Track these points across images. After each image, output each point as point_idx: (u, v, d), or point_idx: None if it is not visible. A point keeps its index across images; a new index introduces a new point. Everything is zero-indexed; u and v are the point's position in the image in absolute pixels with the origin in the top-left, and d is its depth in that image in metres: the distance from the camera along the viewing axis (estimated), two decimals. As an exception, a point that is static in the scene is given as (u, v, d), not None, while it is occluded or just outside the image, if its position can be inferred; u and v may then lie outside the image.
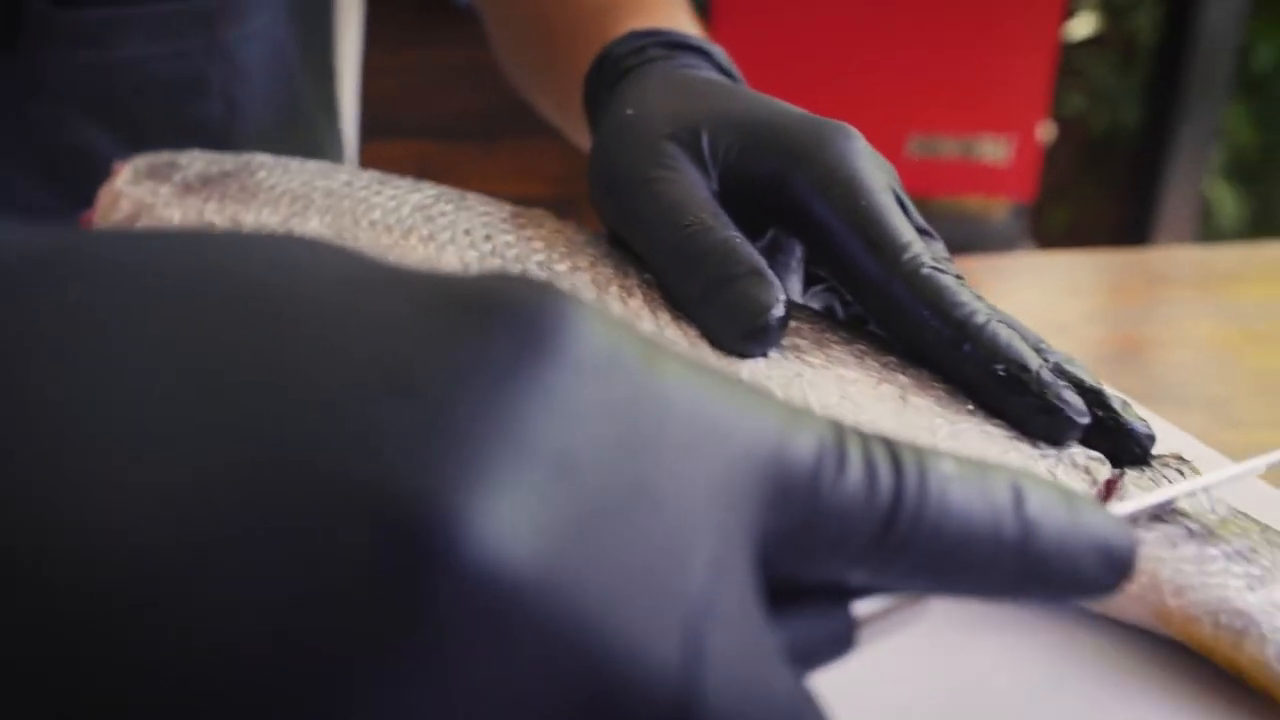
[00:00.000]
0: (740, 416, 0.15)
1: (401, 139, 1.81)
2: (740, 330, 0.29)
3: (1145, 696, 0.24)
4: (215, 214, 0.35)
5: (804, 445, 0.16)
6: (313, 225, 0.34)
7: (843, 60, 1.52)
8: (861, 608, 0.18)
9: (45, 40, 0.53)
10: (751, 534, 0.15)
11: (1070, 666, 0.26)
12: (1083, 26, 1.97)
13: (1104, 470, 0.28)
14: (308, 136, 0.64)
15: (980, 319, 0.29)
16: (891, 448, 0.17)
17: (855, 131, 0.33)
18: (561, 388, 0.14)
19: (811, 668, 0.17)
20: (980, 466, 0.18)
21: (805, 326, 0.31)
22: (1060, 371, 0.29)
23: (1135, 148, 1.87)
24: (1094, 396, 0.29)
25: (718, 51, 0.39)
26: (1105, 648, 0.26)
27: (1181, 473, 0.28)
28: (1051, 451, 0.28)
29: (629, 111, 0.34)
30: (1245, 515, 0.28)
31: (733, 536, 0.15)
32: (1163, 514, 0.27)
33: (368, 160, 0.44)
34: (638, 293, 0.32)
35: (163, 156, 0.38)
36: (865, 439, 0.17)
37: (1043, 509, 0.17)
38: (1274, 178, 2.01)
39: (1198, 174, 1.78)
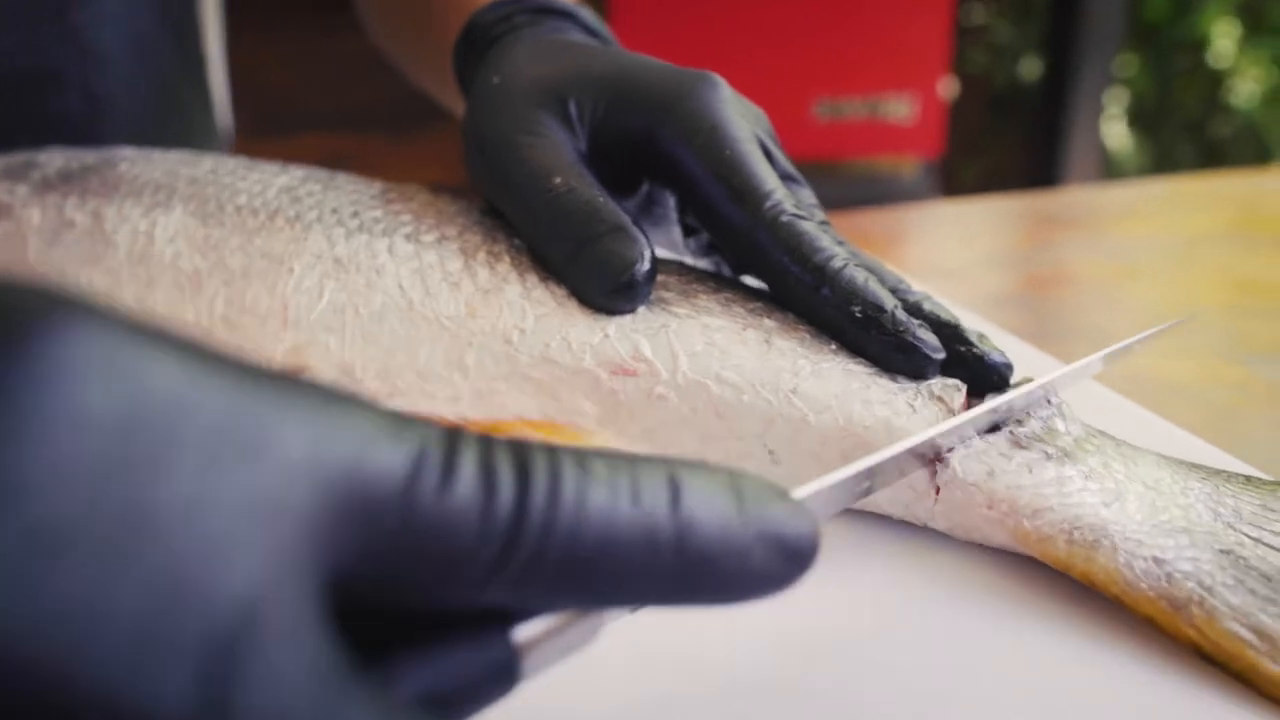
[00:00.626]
0: (299, 426, 0.14)
1: (308, 133, 1.78)
2: (606, 287, 0.30)
3: (1010, 616, 0.25)
4: (76, 209, 0.34)
5: (392, 457, 0.14)
6: (176, 214, 0.33)
7: (743, 27, 1.52)
8: (523, 632, 0.16)
9: None
10: (315, 555, 0.14)
11: (942, 593, 0.26)
12: (979, -17, 2.00)
13: (958, 397, 0.28)
14: (181, 129, 0.62)
15: (838, 263, 0.29)
16: (520, 454, 0.15)
17: (719, 79, 0.33)
18: (26, 400, 0.12)
19: (477, 704, 0.16)
20: (633, 463, 0.16)
21: (673, 279, 0.32)
22: (917, 310, 0.30)
23: (1037, 99, 1.91)
24: (951, 331, 0.30)
25: (584, 13, 0.39)
26: (962, 572, 0.27)
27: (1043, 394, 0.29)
28: (910, 384, 0.29)
29: (496, 80, 0.34)
30: (1101, 432, 0.29)
31: (281, 559, 0.13)
32: (1021, 440, 0.27)
33: (272, 157, 0.43)
34: (505, 258, 0.32)
35: (19, 156, 0.37)
36: (488, 446, 0.15)
37: (704, 503, 0.16)
38: (1171, 123, 2.07)
39: (1097, 122, 1.82)
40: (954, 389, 0.28)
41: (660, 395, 0.29)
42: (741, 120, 0.32)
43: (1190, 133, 2.06)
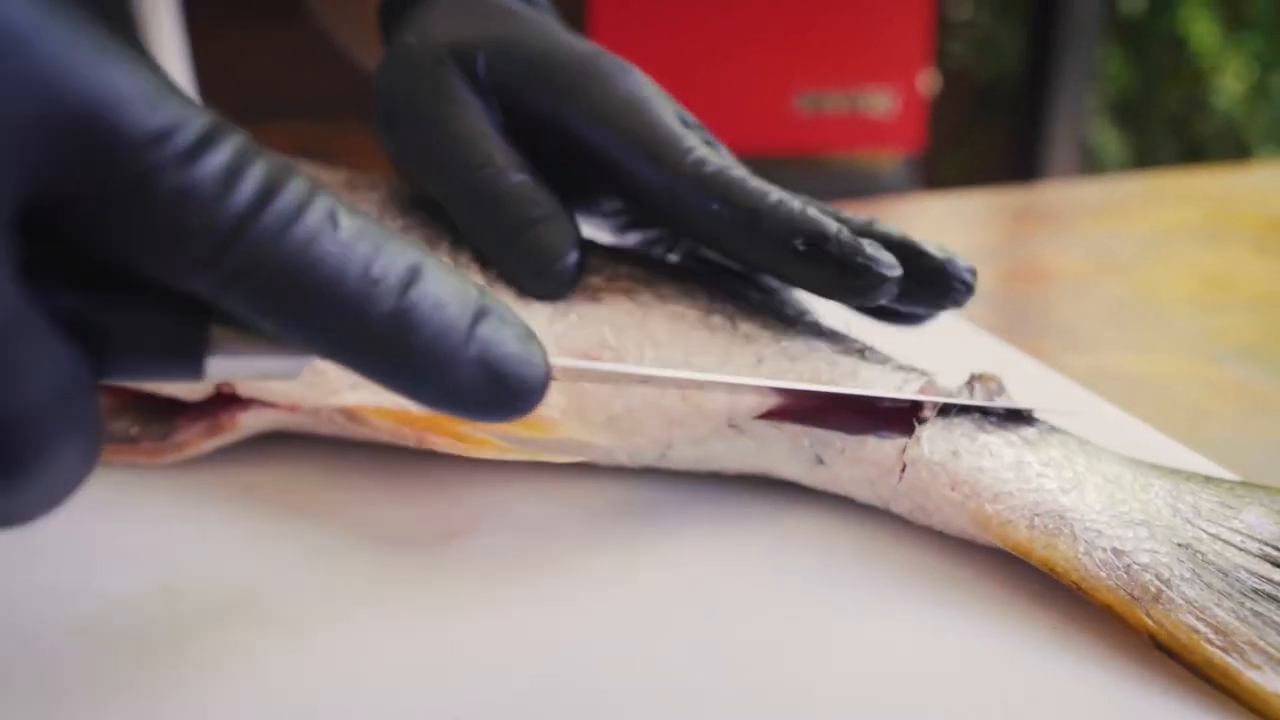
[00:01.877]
0: (59, 58, 0.15)
1: (280, 120, 1.77)
2: (537, 275, 0.30)
3: (967, 601, 0.25)
4: None
5: (144, 114, 0.15)
6: None
7: (725, 20, 1.52)
8: (220, 331, 0.17)
9: None
10: (18, 164, 0.15)
11: (901, 583, 0.26)
12: (961, -23, 2.01)
13: (923, 379, 0.29)
14: None
15: (772, 198, 0.28)
16: (279, 172, 0.16)
17: (631, 66, 0.32)
18: None
19: (147, 370, 0.17)
20: (388, 237, 0.17)
21: (634, 267, 0.32)
22: (867, 231, 0.29)
23: (1019, 93, 1.91)
24: (908, 248, 0.28)
25: None
26: (928, 563, 0.27)
27: (998, 392, 0.30)
28: (878, 356, 0.29)
29: (411, 39, 0.33)
30: (1061, 430, 0.29)
31: None
32: (984, 427, 0.28)
33: None
34: (469, 247, 0.32)
35: None
36: (253, 151, 0.16)
37: (435, 300, 0.17)
38: (1153, 118, 2.08)
39: (1079, 116, 1.83)
40: (919, 375, 0.29)
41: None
42: (657, 97, 0.31)
43: (1172, 128, 2.07)
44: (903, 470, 0.27)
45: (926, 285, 0.28)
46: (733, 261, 0.31)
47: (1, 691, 0.22)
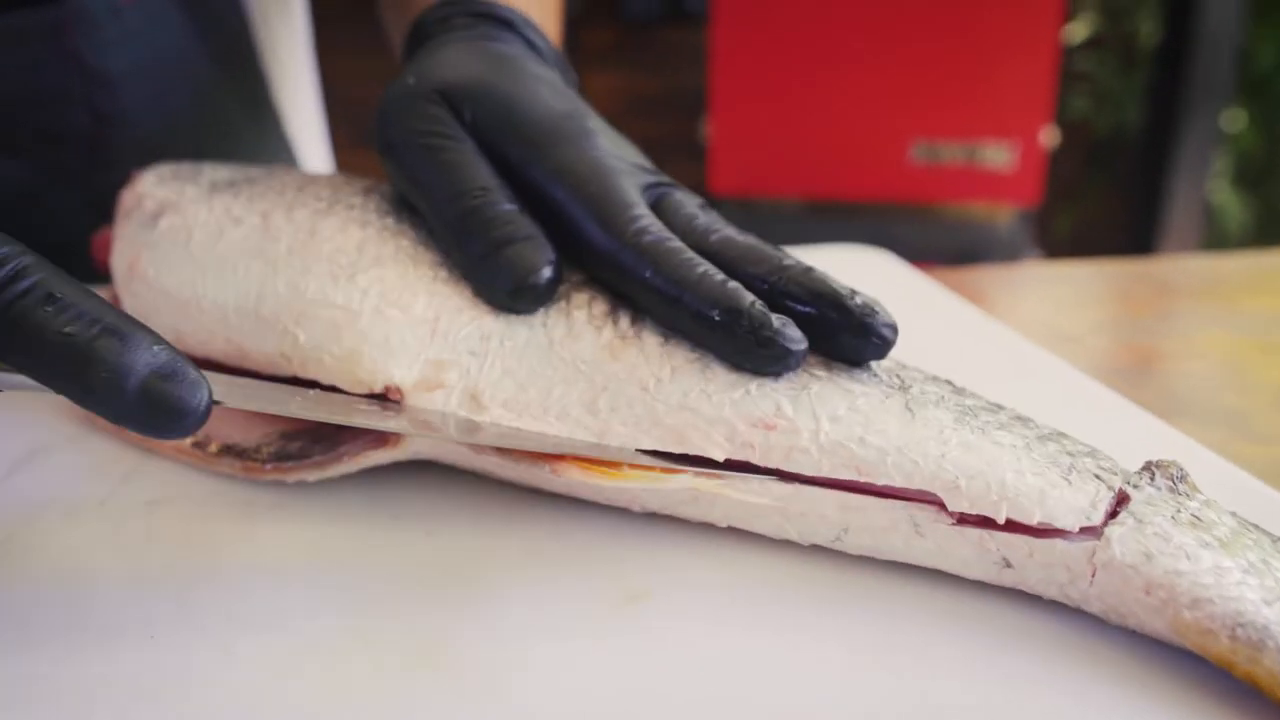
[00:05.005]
0: None
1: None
2: (511, 286, 0.31)
3: (1166, 709, 0.25)
4: (245, 210, 0.38)
5: None
6: (338, 219, 0.36)
7: (844, 67, 1.52)
8: None
9: None
10: None
11: (1097, 683, 0.26)
12: (1082, 29, 1.98)
13: (1116, 481, 0.28)
14: (226, 144, 0.65)
15: (697, 272, 0.30)
16: (18, 261, 0.25)
17: (606, 128, 0.36)
18: None
19: None
20: (86, 298, 0.25)
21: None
22: (797, 285, 0.30)
23: (1139, 150, 1.87)
24: (831, 299, 0.30)
25: (521, 21, 0.41)
26: (1127, 663, 0.26)
27: (1180, 479, 0.29)
28: (1064, 458, 0.28)
29: (410, 79, 0.37)
30: (1256, 526, 0.28)
31: None
32: (1178, 524, 0.27)
33: (353, 167, 0.46)
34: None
35: (187, 165, 0.43)
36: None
37: (114, 347, 0.24)
38: (1278, 183, 2.01)
39: (1202, 178, 1.78)
40: (1111, 471, 0.28)
41: (803, 449, 0.29)
42: (613, 159, 0.34)
43: (1298, 193, 2.00)
44: (1093, 574, 0.27)
45: (848, 336, 0.30)
46: (659, 321, 0.32)
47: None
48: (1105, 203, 2.07)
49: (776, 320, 0.29)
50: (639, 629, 0.27)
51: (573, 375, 0.31)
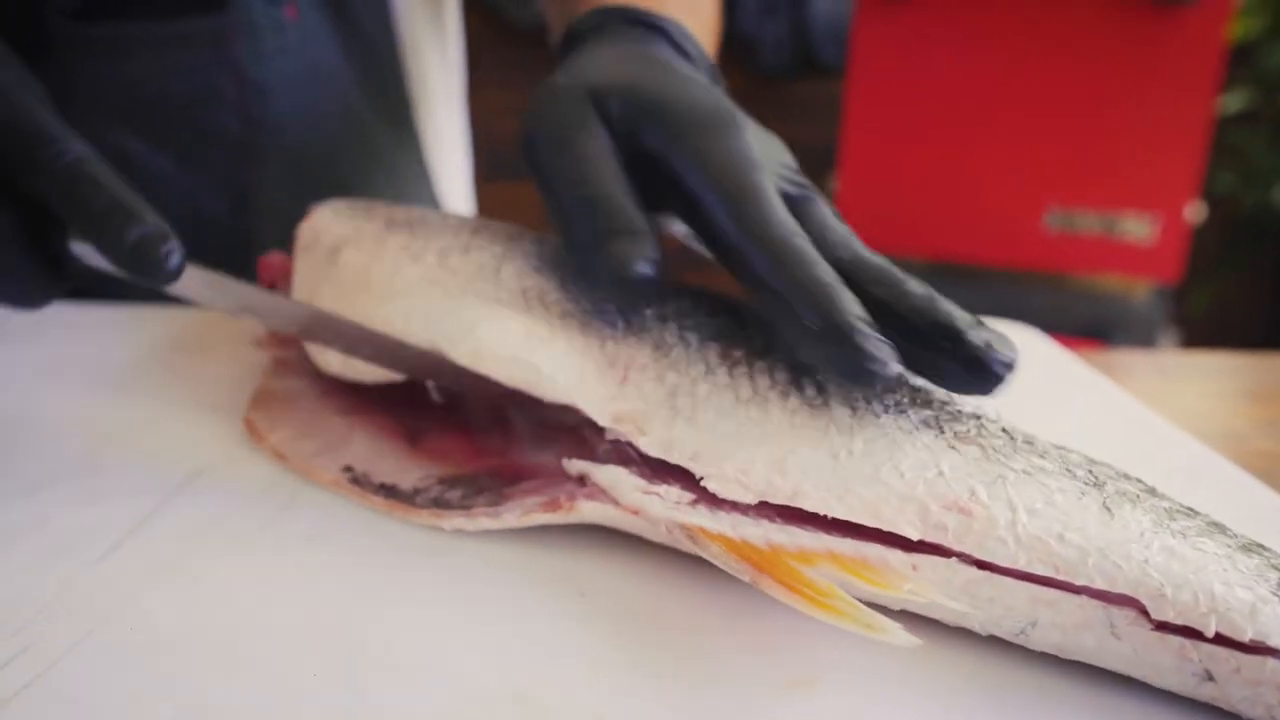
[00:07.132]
0: None
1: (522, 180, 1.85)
2: (610, 276, 0.31)
3: None
4: (423, 250, 0.39)
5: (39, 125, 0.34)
6: (523, 262, 0.38)
7: (981, 127, 1.49)
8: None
9: (71, 52, 0.60)
10: None
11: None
12: (1236, 101, 1.91)
13: None
14: (367, 163, 0.68)
15: (815, 271, 0.30)
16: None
17: (744, 120, 0.35)
18: None
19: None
20: (106, 174, 0.33)
21: (1000, 434, 0.31)
22: (919, 309, 0.30)
23: (1286, 231, 1.79)
24: (945, 329, 0.30)
25: (673, 27, 0.42)
26: None
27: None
28: (1275, 575, 0.27)
29: (561, 79, 0.37)
30: None
31: None
32: None
33: (487, 199, 0.48)
34: (830, 384, 0.32)
35: (361, 202, 0.45)
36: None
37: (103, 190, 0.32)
38: None
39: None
40: None
41: (999, 538, 0.27)
42: (754, 155, 0.34)
43: None
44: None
45: (964, 368, 0.30)
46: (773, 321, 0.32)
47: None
48: (1245, 284, 1.98)
49: (872, 340, 0.29)
50: (799, 718, 0.25)
51: (760, 436, 0.31)
